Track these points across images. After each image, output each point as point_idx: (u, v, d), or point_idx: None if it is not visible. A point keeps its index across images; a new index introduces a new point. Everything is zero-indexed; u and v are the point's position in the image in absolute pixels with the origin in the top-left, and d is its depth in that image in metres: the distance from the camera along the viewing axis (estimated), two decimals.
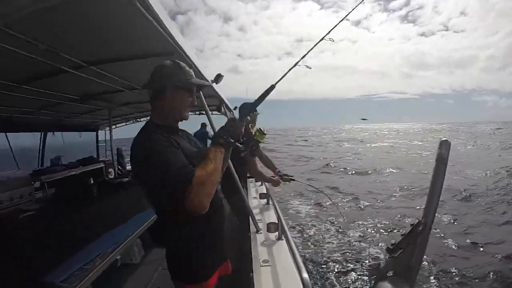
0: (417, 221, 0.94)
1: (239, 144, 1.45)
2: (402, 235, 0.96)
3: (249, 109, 1.50)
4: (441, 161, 0.90)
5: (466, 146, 26.40)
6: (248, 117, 1.50)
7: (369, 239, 7.00)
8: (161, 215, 1.44)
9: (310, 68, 1.77)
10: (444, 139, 0.92)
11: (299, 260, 1.49)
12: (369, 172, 15.66)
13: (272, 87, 1.55)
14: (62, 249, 2.69)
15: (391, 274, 0.96)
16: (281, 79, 1.62)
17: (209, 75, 3.03)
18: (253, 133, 2.93)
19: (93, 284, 2.50)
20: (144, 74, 3.15)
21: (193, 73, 1.50)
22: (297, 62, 1.76)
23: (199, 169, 1.22)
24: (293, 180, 3.43)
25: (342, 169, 16.68)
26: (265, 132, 2.99)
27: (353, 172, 15.84)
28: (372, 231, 7.47)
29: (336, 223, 7.98)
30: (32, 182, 4.78)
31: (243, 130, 1.51)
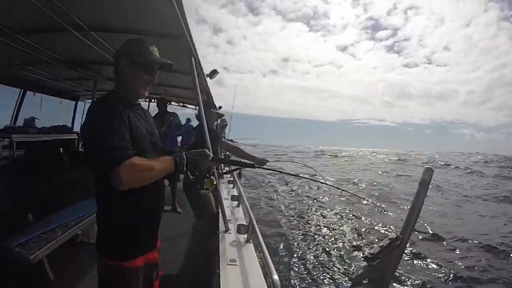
0: (395, 236, 1.02)
1: (190, 176, 1.49)
2: (380, 246, 1.03)
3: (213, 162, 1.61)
4: (424, 185, 0.98)
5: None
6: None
7: (340, 243, 7.20)
8: (98, 183, 1.39)
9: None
10: (428, 166, 1.01)
11: (270, 262, 1.49)
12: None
13: (253, 166, 1.71)
14: (22, 212, 2.58)
15: (366, 281, 1.04)
16: (268, 169, 1.75)
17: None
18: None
19: (47, 257, 2.40)
20: None
21: (157, 52, 1.48)
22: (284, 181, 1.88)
23: (140, 158, 1.24)
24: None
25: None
26: (214, 183, 3.06)
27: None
28: (343, 236, 7.68)
29: (311, 227, 8.13)
30: (1, 139, 4.59)
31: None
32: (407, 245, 1.03)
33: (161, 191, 1.57)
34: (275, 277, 1.33)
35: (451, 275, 6.17)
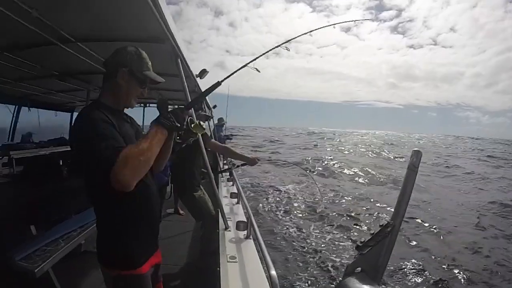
0: (386, 222, 0.98)
1: (180, 130, 1.38)
2: (371, 234, 1.01)
3: (194, 102, 1.55)
4: (412, 169, 0.94)
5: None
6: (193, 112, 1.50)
7: (335, 235, 7.28)
8: (92, 196, 1.37)
9: (259, 72, 1.82)
10: (416, 149, 0.96)
11: (268, 257, 1.51)
12: None
13: (218, 83, 1.59)
14: (25, 226, 2.60)
15: (359, 271, 1.00)
16: (228, 77, 1.66)
17: (195, 69, 3.03)
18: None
19: (53, 268, 2.42)
20: None
21: (151, 65, 1.48)
22: (247, 64, 1.81)
23: (130, 146, 1.18)
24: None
25: None
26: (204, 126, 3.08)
27: None
28: (339, 228, 7.79)
29: (304, 221, 8.22)
30: (0, 157, 4.63)
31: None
32: (400, 232, 1.01)
33: (156, 197, 1.55)
34: (273, 272, 1.34)
35: (446, 261, 6.28)
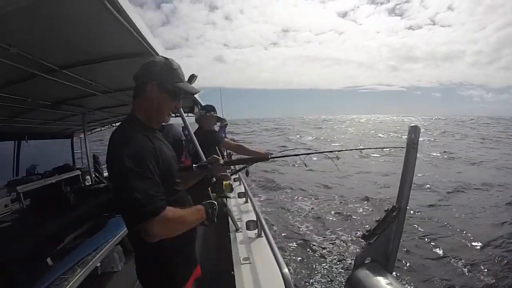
0: (391, 206, 0.95)
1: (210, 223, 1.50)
2: (376, 221, 0.97)
3: None
4: (412, 146, 0.90)
5: None
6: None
7: (346, 227, 7.23)
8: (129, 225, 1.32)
9: (307, 166, 2.27)
10: (413, 124, 0.92)
11: (279, 256, 1.51)
12: None
13: (267, 159, 1.94)
14: (40, 259, 2.61)
15: (369, 261, 0.94)
16: (278, 157, 2.05)
17: (194, 65, 3.01)
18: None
19: None
20: (116, 76, 3.14)
21: (184, 75, 1.44)
22: (298, 155, 2.11)
23: (177, 211, 1.21)
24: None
25: None
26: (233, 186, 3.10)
27: None
28: (349, 219, 7.76)
29: (312, 215, 8.21)
30: (8, 194, 4.65)
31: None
32: (407, 215, 0.96)
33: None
34: (285, 270, 1.34)
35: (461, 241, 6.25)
